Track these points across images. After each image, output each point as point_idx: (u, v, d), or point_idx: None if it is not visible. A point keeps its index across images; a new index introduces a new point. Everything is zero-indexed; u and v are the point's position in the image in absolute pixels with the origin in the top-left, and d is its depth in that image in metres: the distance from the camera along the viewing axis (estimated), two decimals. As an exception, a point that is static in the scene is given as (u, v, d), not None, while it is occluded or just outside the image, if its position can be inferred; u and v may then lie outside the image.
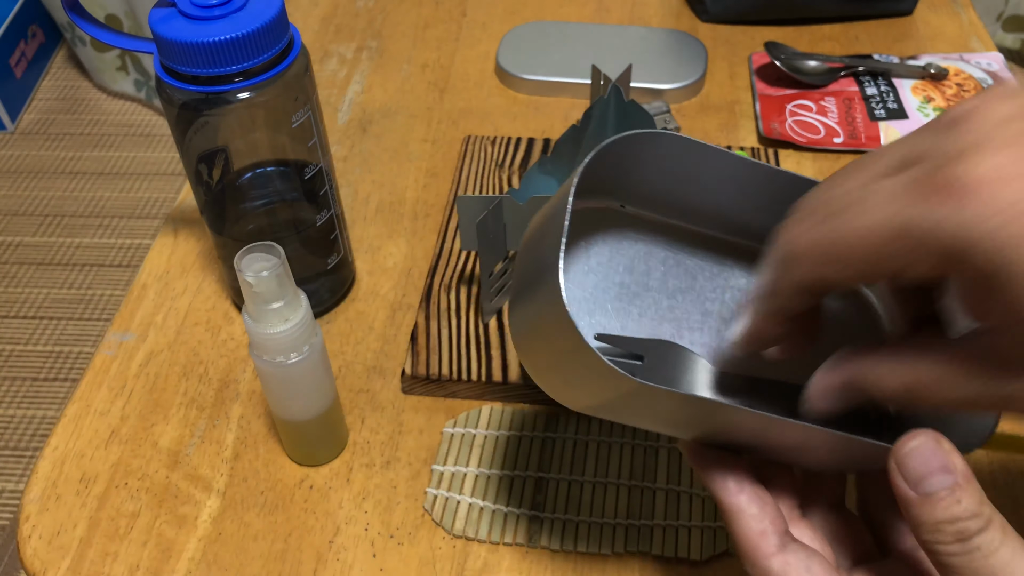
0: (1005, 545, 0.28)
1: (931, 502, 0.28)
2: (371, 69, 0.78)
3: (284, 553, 0.46)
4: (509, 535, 0.46)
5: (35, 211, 1.73)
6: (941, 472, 0.28)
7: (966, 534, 0.28)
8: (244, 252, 0.40)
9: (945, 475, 0.28)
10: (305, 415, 0.46)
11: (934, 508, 0.28)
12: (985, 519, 0.28)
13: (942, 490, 0.28)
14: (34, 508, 0.48)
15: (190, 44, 0.43)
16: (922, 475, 0.28)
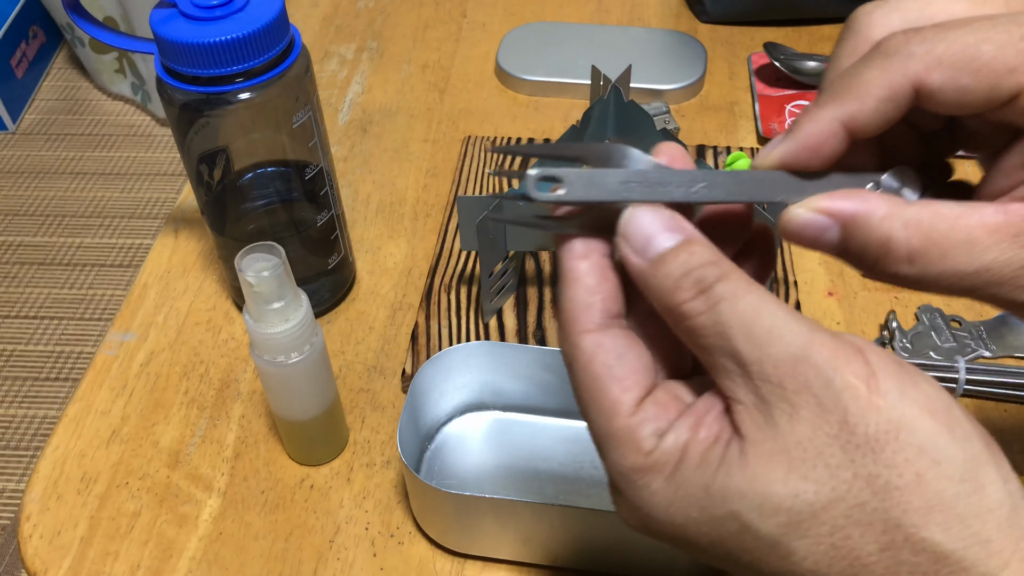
0: (751, 292, 0.25)
1: (663, 261, 0.26)
2: (371, 70, 0.78)
3: (285, 552, 0.46)
4: (509, 534, 0.46)
5: (36, 211, 1.74)
6: (667, 231, 0.26)
7: (705, 282, 0.25)
8: (245, 252, 0.40)
9: (672, 233, 0.26)
10: (306, 415, 0.47)
11: (667, 265, 0.26)
12: (725, 267, 0.26)
13: (672, 247, 0.26)
14: (35, 507, 0.48)
15: (191, 45, 0.43)
16: (647, 237, 0.26)
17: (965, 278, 0.26)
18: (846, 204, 0.27)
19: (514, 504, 0.41)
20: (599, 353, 0.27)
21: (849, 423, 0.23)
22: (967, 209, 0.27)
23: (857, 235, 0.27)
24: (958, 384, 0.50)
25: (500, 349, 0.48)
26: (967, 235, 0.26)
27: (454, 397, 0.49)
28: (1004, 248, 0.26)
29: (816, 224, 0.27)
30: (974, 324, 0.54)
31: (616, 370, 0.27)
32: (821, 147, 0.28)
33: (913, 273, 0.27)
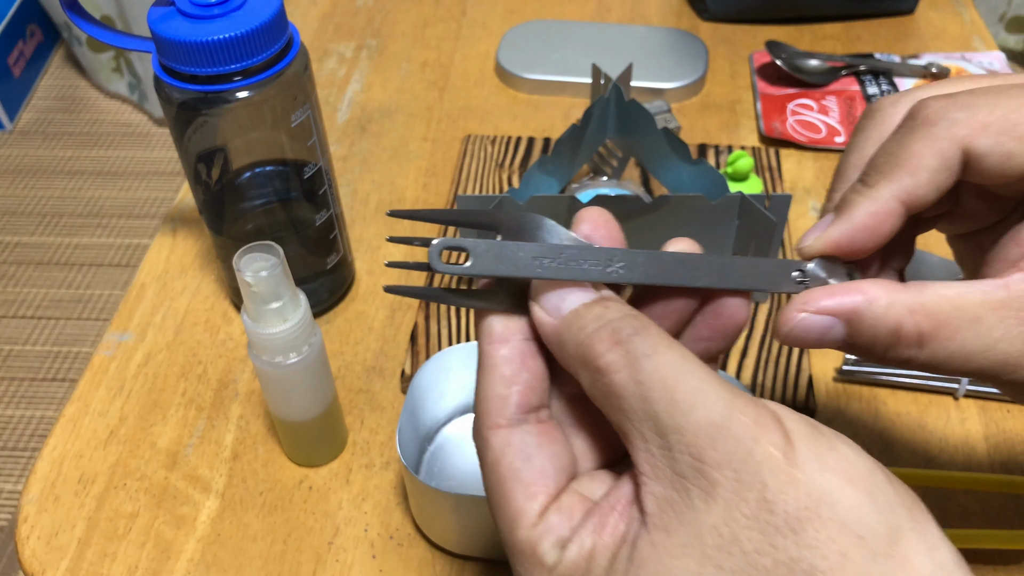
0: (673, 348, 0.23)
1: (576, 315, 0.24)
2: (370, 68, 0.77)
3: (283, 554, 0.46)
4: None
5: (34, 211, 1.73)
6: (579, 290, 0.25)
7: (622, 334, 0.23)
8: (243, 252, 0.39)
9: (584, 292, 0.25)
10: (304, 415, 0.46)
11: (581, 319, 0.24)
12: (643, 321, 0.24)
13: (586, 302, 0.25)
14: (32, 508, 0.48)
15: (189, 43, 0.43)
16: (560, 296, 0.25)
17: (973, 357, 0.26)
18: (847, 299, 0.26)
19: None
20: (507, 453, 0.25)
21: (768, 500, 0.21)
22: (966, 287, 0.26)
23: (864, 328, 0.26)
24: (960, 385, 0.50)
25: None
26: (973, 314, 0.26)
27: (454, 398, 0.49)
28: (1011, 325, 0.25)
29: (820, 325, 0.26)
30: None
31: (523, 473, 0.24)
32: (880, 227, 0.27)
33: (923, 356, 0.26)
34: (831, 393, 0.52)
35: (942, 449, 0.49)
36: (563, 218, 0.50)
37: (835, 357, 0.53)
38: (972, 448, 0.49)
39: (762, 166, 0.64)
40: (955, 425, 0.50)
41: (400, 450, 0.42)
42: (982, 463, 0.48)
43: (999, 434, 0.50)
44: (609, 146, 0.60)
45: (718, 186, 0.51)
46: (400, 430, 0.43)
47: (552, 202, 0.49)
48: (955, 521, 0.46)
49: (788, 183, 0.64)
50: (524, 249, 0.25)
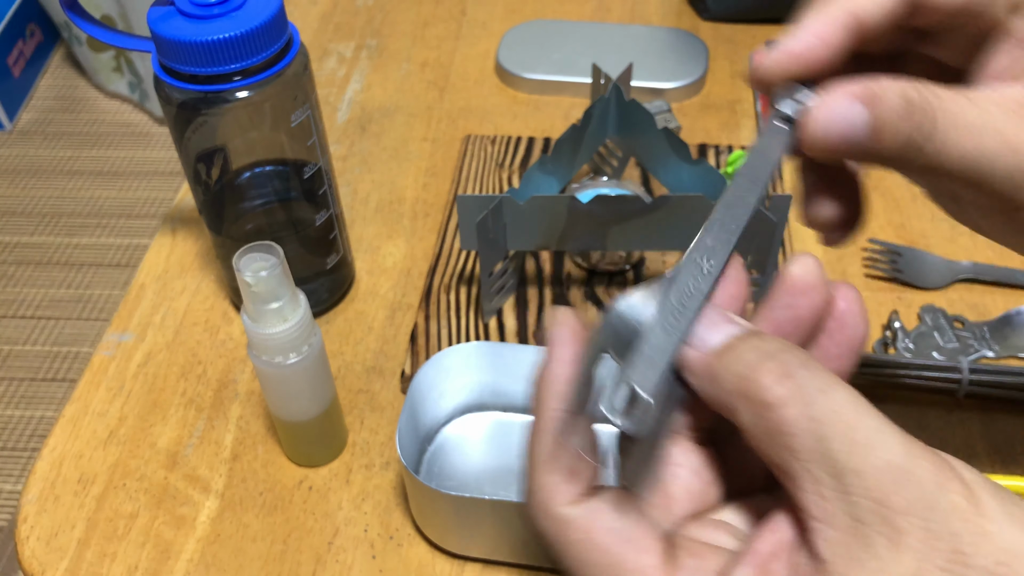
0: (841, 385, 0.21)
1: (731, 348, 0.23)
2: (370, 68, 0.77)
3: (283, 554, 0.46)
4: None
5: (33, 211, 1.73)
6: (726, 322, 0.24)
7: (789, 366, 0.21)
8: (243, 252, 0.39)
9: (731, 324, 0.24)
10: (304, 416, 0.46)
11: (736, 351, 0.22)
12: (805, 355, 0.22)
13: (739, 334, 0.23)
14: (32, 509, 0.48)
15: (188, 43, 0.43)
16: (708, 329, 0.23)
17: (984, 146, 0.26)
18: (862, 84, 0.26)
19: (514, 505, 0.40)
20: (596, 519, 0.23)
21: (962, 552, 0.19)
22: (967, 90, 0.27)
23: (887, 102, 0.26)
24: (961, 385, 0.50)
25: (500, 349, 0.47)
26: (980, 105, 0.26)
27: (454, 398, 0.49)
28: (1017, 120, 0.26)
29: (844, 113, 0.26)
30: (977, 324, 0.54)
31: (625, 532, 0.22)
32: (833, 37, 0.27)
33: (938, 140, 0.26)
34: (831, 393, 0.52)
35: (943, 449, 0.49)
36: (562, 218, 0.50)
37: (835, 357, 0.53)
38: (972, 448, 0.49)
39: (762, 166, 0.64)
40: (955, 425, 0.50)
41: (400, 450, 0.42)
42: (982, 463, 0.48)
43: (999, 434, 0.49)
44: (609, 146, 0.60)
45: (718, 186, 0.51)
46: (400, 430, 0.43)
47: (552, 202, 0.49)
48: (955, 521, 0.46)
49: (788, 183, 0.64)
50: (655, 334, 0.24)
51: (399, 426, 0.43)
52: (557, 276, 0.57)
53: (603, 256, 0.56)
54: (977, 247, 0.59)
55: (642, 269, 0.57)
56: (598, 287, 0.56)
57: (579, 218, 0.49)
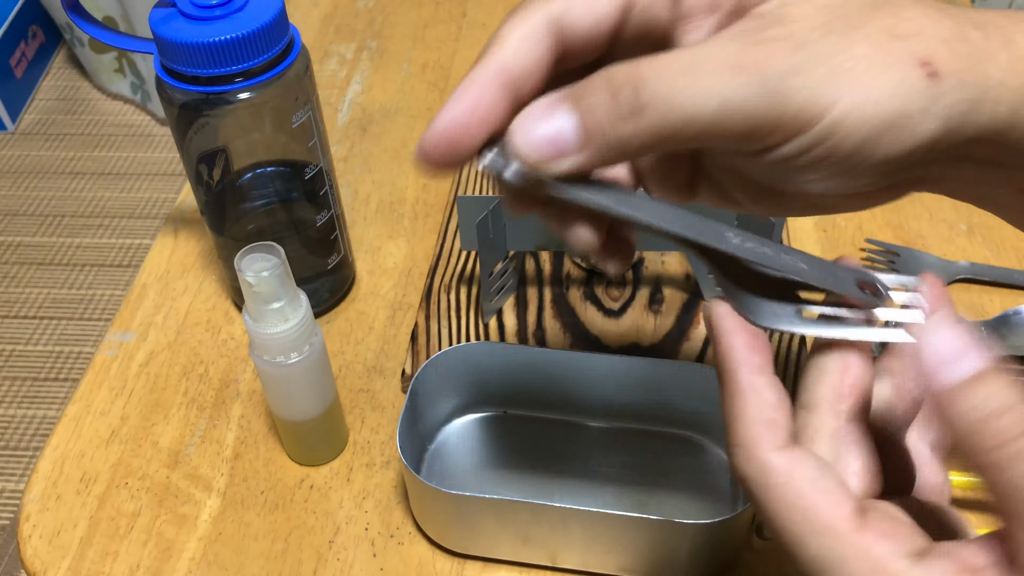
0: None
1: (969, 389, 0.22)
2: (371, 69, 0.78)
3: (284, 553, 0.46)
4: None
5: (35, 211, 1.73)
6: (976, 347, 0.23)
7: (1009, 435, 0.21)
8: (244, 252, 0.40)
9: (975, 354, 0.23)
10: (305, 415, 0.47)
11: (963, 401, 0.22)
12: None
13: (978, 371, 0.22)
14: (34, 508, 0.48)
15: (190, 44, 0.43)
16: (956, 354, 0.22)
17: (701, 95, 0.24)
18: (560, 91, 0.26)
19: (514, 504, 0.40)
20: (798, 467, 0.24)
21: None
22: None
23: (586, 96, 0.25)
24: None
25: (500, 349, 0.48)
26: (682, 60, 0.24)
27: (454, 397, 0.49)
28: (725, 45, 0.24)
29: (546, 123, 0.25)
30: (975, 323, 0.54)
31: (822, 483, 0.24)
32: (481, 104, 0.26)
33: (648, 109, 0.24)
34: (829, 393, 0.52)
35: (940, 448, 0.49)
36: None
37: (834, 357, 0.53)
38: (970, 447, 0.49)
39: (761, 167, 0.64)
40: (953, 424, 0.50)
41: (400, 449, 0.42)
42: (980, 462, 0.48)
43: (997, 433, 0.50)
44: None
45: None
46: (400, 429, 0.43)
47: (552, 203, 0.49)
48: (953, 520, 0.46)
49: (787, 184, 0.64)
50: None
51: (399, 425, 0.43)
52: (557, 276, 0.57)
53: (602, 256, 0.57)
54: (974, 247, 0.59)
55: (641, 269, 0.58)
56: (598, 287, 0.57)
57: (578, 218, 0.50)
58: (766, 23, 0.24)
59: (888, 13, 0.24)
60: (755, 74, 0.23)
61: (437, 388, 0.48)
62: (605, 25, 0.27)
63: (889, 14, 0.24)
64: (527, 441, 0.49)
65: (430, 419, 0.49)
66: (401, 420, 0.43)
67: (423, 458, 0.49)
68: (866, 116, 0.23)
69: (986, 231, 0.60)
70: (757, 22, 0.24)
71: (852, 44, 0.24)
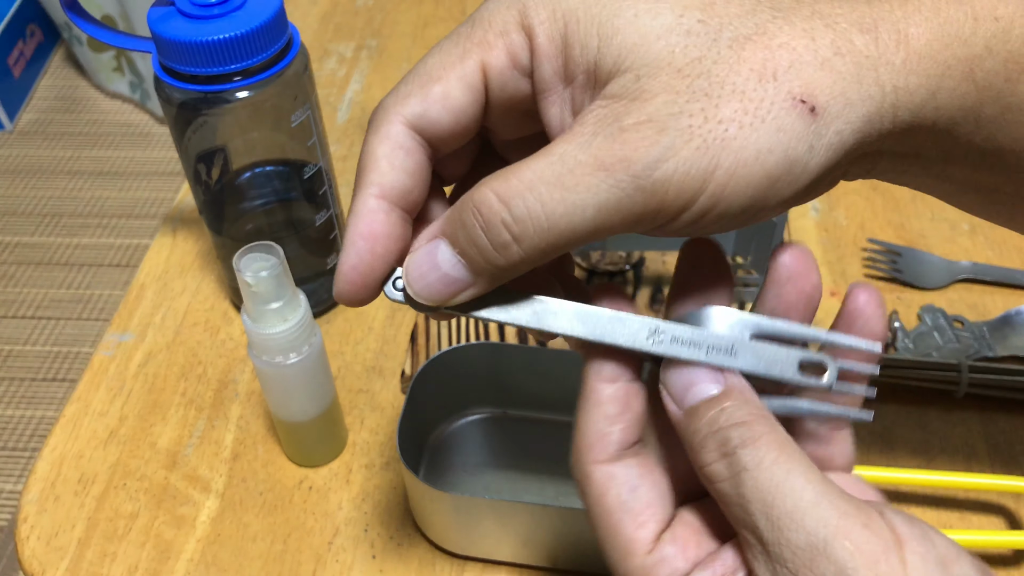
0: (779, 464, 0.23)
1: (694, 413, 0.25)
2: (370, 68, 0.77)
3: (283, 554, 0.46)
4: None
5: (33, 211, 1.73)
6: (706, 382, 0.25)
7: (729, 445, 0.23)
8: (243, 252, 0.40)
9: (710, 384, 0.25)
10: (304, 416, 0.46)
11: (697, 419, 0.24)
12: (755, 431, 0.24)
13: (705, 399, 0.25)
14: (32, 509, 0.48)
15: (189, 43, 0.43)
16: (685, 387, 0.25)
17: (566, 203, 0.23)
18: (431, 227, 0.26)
19: (514, 506, 0.40)
20: (612, 486, 0.25)
21: None
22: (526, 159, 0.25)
23: (457, 230, 0.25)
24: (960, 385, 0.50)
25: (500, 349, 0.47)
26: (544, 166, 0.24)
27: (454, 398, 0.49)
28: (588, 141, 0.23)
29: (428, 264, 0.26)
30: (977, 324, 0.54)
31: (630, 504, 0.25)
32: (376, 220, 0.26)
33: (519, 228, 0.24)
34: (831, 393, 0.52)
35: (942, 449, 0.49)
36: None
37: (835, 357, 0.53)
38: (972, 448, 0.49)
39: (762, 166, 0.64)
40: (955, 425, 0.50)
41: (400, 450, 0.42)
42: (982, 463, 0.48)
43: (999, 434, 0.49)
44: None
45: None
46: (400, 430, 0.43)
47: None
48: (955, 521, 0.46)
49: (788, 183, 0.64)
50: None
51: (399, 426, 0.43)
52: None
53: (603, 256, 0.57)
54: (976, 247, 0.59)
55: (642, 269, 0.57)
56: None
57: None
58: (623, 108, 0.23)
59: (759, 47, 0.23)
60: (623, 171, 0.23)
61: (437, 388, 0.48)
62: (467, 116, 0.26)
63: (760, 47, 0.23)
64: (527, 441, 0.49)
65: (430, 419, 0.49)
66: (401, 421, 0.43)
67: (423, 459, 0.48)
68: (749, 176, 0.23)
69: (988, 231, 0.60)
70: (614, 107, 0.23)
71: (719, 106, 0.23)
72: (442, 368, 0.47)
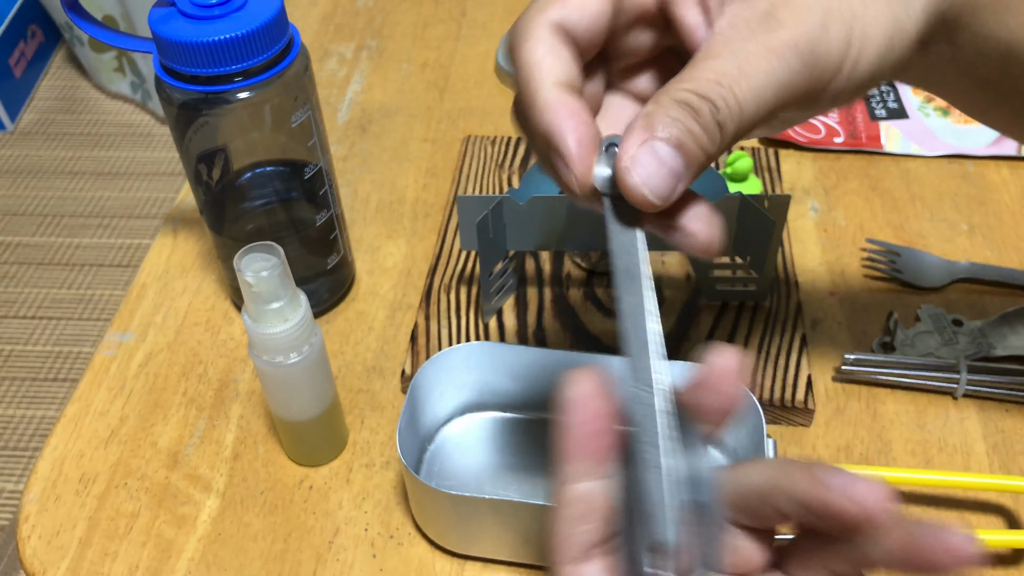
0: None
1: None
2: (371, 68, 0.77)
3: (284, 553, 0.46)
4: (509, 535, 0.46)
5: (35, 211, 1.73)
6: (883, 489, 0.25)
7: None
8: (244, 252, 0.40)
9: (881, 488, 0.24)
10: (305, 415, 0.46)
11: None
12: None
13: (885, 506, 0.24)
14: (33, 508, 0.48)
15: (190, 44, 0.43)
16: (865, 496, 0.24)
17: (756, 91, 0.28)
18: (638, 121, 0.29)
19: (514, 505, 0.40)
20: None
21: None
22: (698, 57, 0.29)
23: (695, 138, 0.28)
24: (959, 384, 0.50)
25: (500, 349, 0.48)
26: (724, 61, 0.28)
27: (454, 397, 0.49)
28: (748, 43, 0.28)
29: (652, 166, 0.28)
30: (976, 324, 0.54)
31: None
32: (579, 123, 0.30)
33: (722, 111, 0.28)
34: (830, 393, 0.52)
35: (941, 449, 0.49)
36: (562, 218, 0.50)
37: (834, 357, 0.53)
38: (971, 448, 0.49)
39: (761, 166, 0.64)
40: (954, 425, 0.50)
41: (400, 450, 0.42)
42: (981, 463, 0.48)
43: (997, 434, 0.50)
44: (609, 146, 0.60)
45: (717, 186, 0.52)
46: (400, 430, 0.43)
47: (552, 202, 0.49)
48: (954, 521, 0.46)
49: (787, 183, 0.64)
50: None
51: (399, 426, 0.43)
52: (557, 276, 0.57)
53: (603, 256, 0.57)
54: (975, 247, 0.59)
55: (642, 269, 0.57)
56: (598, 287, 0.57)
57: (579, 218, 0.50)
58: (773, 5, 0.29)
59: None
60: (791, 52, 0.28)
61: (437, 388, 0.48)
62: (599, 25, 0.30)
63: None
64: (527, 441, 0.49)
65: (430, 419, 0.49)
66: (401, 420, 0.43)
67: (423, 458, 0.48)
68: (875, 38, 0.29)
69: (987, 231, 0.60)
70: (756, 3, 0.29)
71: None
72: (442, 368, 0.47)
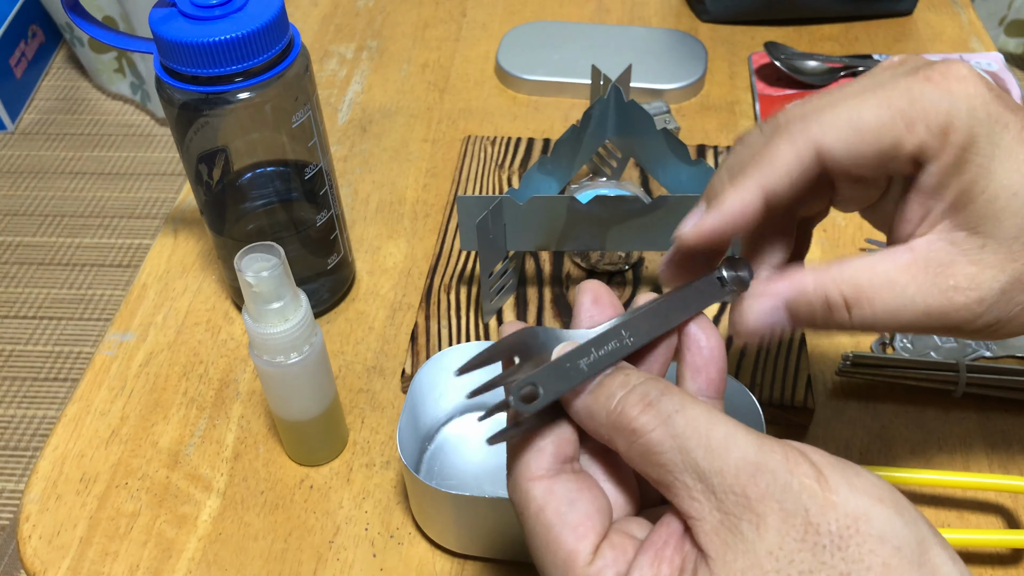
0: (697, 403, 0.25)
1: (601, 385, 0.27)
2: (371, 69, 0.78)
3: (284, 553, 0.46)
4: (509, 535, 0.46)
5: (35, 211, 1.73)
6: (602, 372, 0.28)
7: (650, 397, 0.26)
8: (244, 252, 0.40)
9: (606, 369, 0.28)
10: (305, 415, 0.47)
11: (606, 388, 0.27)
12: (663, 383, 0.26)
13: (607, 373, 0.27)
14: (34, 508, 0.48)
15: (190, 44, 0.43)
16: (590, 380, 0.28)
17: (899, 313, 0.30)
18: (782, 286, 0.31)
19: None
20: (551, 500, 0.26)
21: (812, 523, 0.23)
22: (878, 257, 0.30)
23: (801, 307, 0.30)
24: (958, 385, 0.50)
25: None
26: (887, 277, 0.30)
27: (454, 397, 0.49)
28: (921, 280, 0.29)
29: (767, 313, 0.31)
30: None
31: (569, 516, 0.26)
32: (745, 214, 0.30)
33: (855, 320, 0.30)
34: (829, 392, 0.52)
35: (940, 448, 0.49)
36: (562, 218, 0.50)
37: (833, 356, 0.53)
38: (970, 447, 0.49)
39: (761, 167, 0.64)
40: (953, 424, 0.50)
41: (400, 449, 0.42)
42: (980, 462, 0.48)
43: (997, 433, 0.50)
44: (608, 147, 0.61)
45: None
46: (400, 429, 0.43)
47: (552, 203, 0.49)
48: (953, 520, 0.46)
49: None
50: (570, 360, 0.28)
51: (399, 425, 0.43)
52: (557, 276, 0.57)
53: (602, 256, 0.57)
54: (975, 247, 0.59)
55: (641, 269, 0.58)
56: (597, 287, 0.57)
57: (578, 218, 0.50)
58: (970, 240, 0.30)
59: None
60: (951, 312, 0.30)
61: (437, 388, 0.48)
62: (867, 161, 0.30)
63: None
64: None
65: (430, 419, 0.49)
66: (401, 420, 0.43)
67: (423, 458, 0.49)
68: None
69: (986, 231, 0.60)
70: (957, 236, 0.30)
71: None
72: (442, 368, 0.47)
